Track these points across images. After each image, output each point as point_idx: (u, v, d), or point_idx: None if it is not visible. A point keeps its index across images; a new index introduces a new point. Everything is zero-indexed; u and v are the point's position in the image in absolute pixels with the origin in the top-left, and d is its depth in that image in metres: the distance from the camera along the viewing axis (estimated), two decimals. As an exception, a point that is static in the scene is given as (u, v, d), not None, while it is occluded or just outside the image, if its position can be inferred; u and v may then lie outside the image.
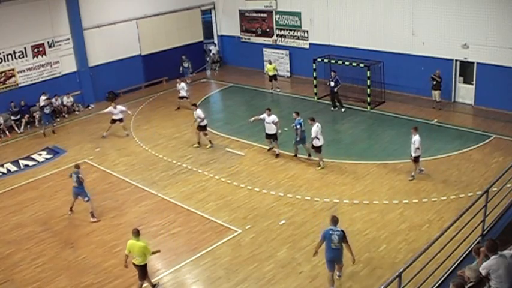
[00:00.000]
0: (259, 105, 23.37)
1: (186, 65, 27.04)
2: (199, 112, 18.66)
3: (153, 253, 11.16)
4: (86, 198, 14.51)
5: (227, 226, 13.71)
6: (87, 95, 24.70)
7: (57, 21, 23.49)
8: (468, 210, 9.14)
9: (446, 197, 14.27)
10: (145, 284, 11.41)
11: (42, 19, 22.92)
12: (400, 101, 22.11)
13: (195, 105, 19.43)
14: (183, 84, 23.20)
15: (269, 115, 17.41)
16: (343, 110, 21.60)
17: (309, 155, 17.14)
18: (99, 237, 13.57)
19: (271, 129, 17.40)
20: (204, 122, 18.79)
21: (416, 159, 15.28)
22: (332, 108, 21.95)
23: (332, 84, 21.45)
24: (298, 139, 17.01)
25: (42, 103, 22.02)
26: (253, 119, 18.20)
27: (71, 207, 14.90)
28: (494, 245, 7.58)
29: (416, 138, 15.03)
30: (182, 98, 23.06)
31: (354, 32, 23.64)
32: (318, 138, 16.17)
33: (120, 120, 20.72)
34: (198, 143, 18.99)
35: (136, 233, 10.80)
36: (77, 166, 14.83)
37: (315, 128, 16.20)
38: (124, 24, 25.79)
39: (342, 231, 10.43)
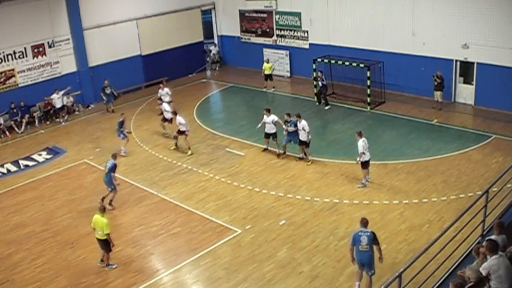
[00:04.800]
0: (259, 105, 23.35)
1: (108, 91, 23.52)
2: (179, 119, 18.46)
3: (108, 235, 11.90)
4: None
5: (227, 226, 13.70)
6: (87, 95, 24.71)
7: (57, 21, 23.50)
8: (468, 210, 9.15)
9: (446, 197, 14.28)
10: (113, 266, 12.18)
11: (42, 19, 22.93)
12: (400, 101, 22.11)
13: (174, 113, 19.01)
14: (166, 89, 22.08)
15: (268, 116, 17.52)
16: (328, 107, 22.09)
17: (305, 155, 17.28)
18: (99, 237, 13.56)
19: (270, 129, 17.55)
20: (184, 128, 18.42)
21: (363, 165, 15.01)
22: (317, 104, 22.49)
23: (320, 84, 21.90)
24: (294, 138, 17.14)
25: (55, 101, 22.54)
26: (259, 125, 18.03)
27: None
28: (495, 245, 7.60)
29: (359, 143, 14.82)
30: (169, 102, 21.46)
31: (354, 32, 23.65)
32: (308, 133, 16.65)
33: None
34: (176, 144, 18.89)
35: (103, 210, 12.15)
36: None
37: (304, 122, 16.64)
38: (124, 24, 25.80)
39: (372, 232, 10.21)
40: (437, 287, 8.58)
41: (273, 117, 17.46)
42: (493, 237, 8.31)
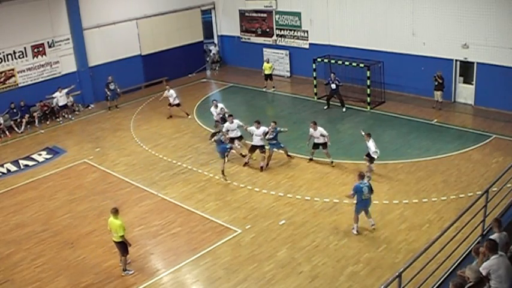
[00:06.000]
0: (259, 105, 23.43)
1: (112, 87, 23.83)
2: (236, 121, 17.48)
3: (122, 236, 11.61)
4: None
5: (227, 226, 13.70)
6: (87, 95, 24.71)
7: (57, 21, 23.49)
8: (468, 210, 9.14)
9: (446, 197, 14.28)
10: (128, 261, 12.05)
11: (42, 19, 22.92)
12: (400, 101, 22.11)
13: (230, 115, 17.82)
14: (172, 91, 22.19)
15: (258, 128, 16.57)
16: (344, 109, 21.62)
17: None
18: (99, 237, 13.57)
19: (259, 141, 16.66)
20: (237, 133, 17.48)
21: (371, 160, 15.38)
22: (325, 107, 22.05)
23: (334, 86, 21.37)
24: (277, 146, 16.92)
25: (58, 99, 22.67)
26: (245, 127, 17.36)
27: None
28: (495, 245, 7.60)
29: (370, 143, 15.11)
30: (173, 105, 22.12)
31: (354, 32, 23.64)
32: (323, 136, 16.52)
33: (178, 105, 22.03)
34: (245, 158, 17.32)
35: (115, 212, 11.69)
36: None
37: (320, 129, 16.51)
38: (124, 24, 25.79)
39: (369, 183, 12.84)
40: (437, 287, 8.57)
41: (264, 129, 16.63)
42: (494, 236, 8.30)
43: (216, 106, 19.24)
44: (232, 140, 17.16)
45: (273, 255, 12.28)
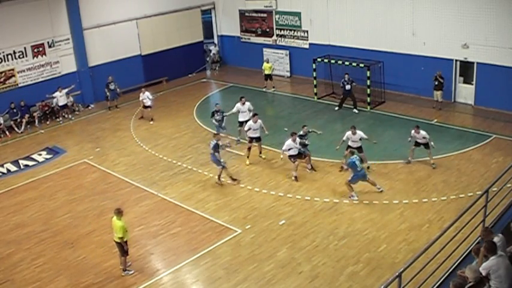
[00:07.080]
0: (259, 105, 23.36)
1: (112, 87, 23.96)
2: (260, 122, 17.37)
3: (121, 238, 11.60)
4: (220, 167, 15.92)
5: (227, 226, 13.71)
6: (87, 95, 24.71)
7: (57, 21, 23.50)
8: (468, 210, 9.14)
9: (446, 197, 14.28)
10: (129, 263, 12.07)
11: (42, 19, 22.93)
12: (400, 101, 22.11)
13: (256, 114, 17.56)
14: (147, 93, 22.29)
15: (294, 140, 15.81)
16: (355, 110, 21.43)
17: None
18: (99, 237, 13.57)
19: (296, 151, 15.94)
20: (257, 134, 17.33)
21: (427, 147, 16.05)
22: (336, 108, 21.89)
23: (348, 87, 21.13)
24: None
25: (58, 99, 22.71)
26: (266, 132, 17.31)
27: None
28: (493, 245, 7.60)
29: (424, 133, 15.85)
30: (146, 107, 22.30)
31: (354, 32, 23.65)
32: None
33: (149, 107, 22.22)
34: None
35: (118, 213, 11.67)
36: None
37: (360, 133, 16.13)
38: (124, 24, 25.80)
39: (359, 156, 14.70)
40: (437, 287, 8.57)
41: (298, 140, 16.11)
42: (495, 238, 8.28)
43: (244, 103, 18.94)
44: (251, 140, 17.45)
45: (273, 255, 12.28)
